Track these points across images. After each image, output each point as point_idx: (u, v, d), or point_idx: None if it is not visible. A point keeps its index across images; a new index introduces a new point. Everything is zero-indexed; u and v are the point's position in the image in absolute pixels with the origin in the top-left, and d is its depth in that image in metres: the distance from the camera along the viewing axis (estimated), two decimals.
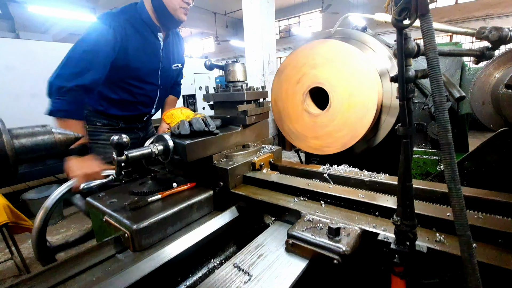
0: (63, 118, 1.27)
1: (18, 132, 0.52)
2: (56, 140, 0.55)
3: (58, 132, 0.56)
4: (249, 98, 1.28)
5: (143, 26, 1.48)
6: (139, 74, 1.53)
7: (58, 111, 1.26)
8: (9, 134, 0.50)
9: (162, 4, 1.43)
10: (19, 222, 1.95)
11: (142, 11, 1.48)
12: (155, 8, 1.46)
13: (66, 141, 0.57)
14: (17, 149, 0.50)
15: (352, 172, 1.09)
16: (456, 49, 0.67)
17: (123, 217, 0.91)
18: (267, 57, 6.02)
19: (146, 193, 1.08)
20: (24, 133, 0.52)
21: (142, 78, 1.56)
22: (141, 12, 1.48)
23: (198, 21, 15.07)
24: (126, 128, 1.70)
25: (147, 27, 1.50)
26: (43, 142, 0.54)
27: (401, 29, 0.53)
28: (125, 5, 1.49)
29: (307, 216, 0.83)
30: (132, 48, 1.44)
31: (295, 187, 0.99)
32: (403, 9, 0.52)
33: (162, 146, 1.06)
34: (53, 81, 1.27)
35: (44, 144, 0.54)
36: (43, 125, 0.58)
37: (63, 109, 1.26)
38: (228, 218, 1.04)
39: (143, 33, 1.48)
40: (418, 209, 0.76)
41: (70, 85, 1.25)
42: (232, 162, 1.14)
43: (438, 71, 0.48)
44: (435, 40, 0.49)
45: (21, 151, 0.50)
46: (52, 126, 0.61)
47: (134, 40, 1.44)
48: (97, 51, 1.32)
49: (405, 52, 0.56)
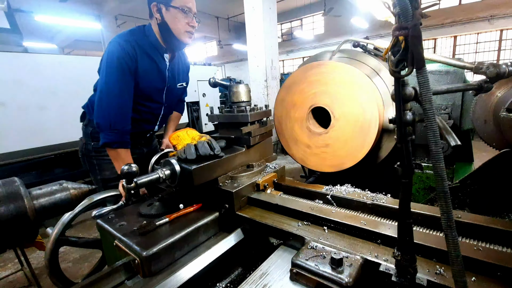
0: (116, 149, 1.47)
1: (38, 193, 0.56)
2: (72, 197, 0.58)
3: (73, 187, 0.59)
4: (253, 119, 1.31)
5: (150, 47, 1.54)
6: (146, 94, 1.58)
7: (113, 143, 1.46)
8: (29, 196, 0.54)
9: (168, 28, 1.49)
10: None
11: (150, 34, 1.54)
12: (162, 32, 1.53)
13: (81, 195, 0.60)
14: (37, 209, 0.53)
15: (355, 194, 1.11)
16: (454, 86, 0.69)
17: (133, 242, 0.95)
18: (269, 62, 6.06)
19: (154, 216, 1.11)
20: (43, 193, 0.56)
21: (148, 97, 1.61)
22: (149, 35, 1.54)
23: (201, 25, 14.90)
24: (132, 145, 1.73)
25: (155, 49, 1.56)
26: (60, 200, 0.57)
27: (399, 79, 0.56)
28: (133, 28, 1.55)
29: (311, 244, 0.85)
30: (141, 69, 1.50)
31: (299, 211, 1.02)
32: (400, 60, 0.54)
33: (169, 171, 1.09)
34: (100, 122, 1.44)
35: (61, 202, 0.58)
36: (60, 182, 0.62)
37: (116, 141, 1.46)
38: (233, 241, 1.06)
39: (150, 55, 1.54)
40: (418, 238, 0.78)
41: (116, 127, 1.44)
42: (237, 184, 1.17)
43: (434, 122, 0.51)
44: (431, 92, 0.51)
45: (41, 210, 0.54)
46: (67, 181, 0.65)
47: (143, 62, 1.50)
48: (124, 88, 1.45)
49: (403, 98, 0.58)
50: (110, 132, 1.43)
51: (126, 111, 1.49)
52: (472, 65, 0.76)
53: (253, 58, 6.07)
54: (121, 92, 1.45)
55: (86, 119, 1.72)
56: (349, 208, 1.07)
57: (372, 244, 0.84)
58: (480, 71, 0.73)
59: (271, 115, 1.47)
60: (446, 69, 1.50)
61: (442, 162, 0.51)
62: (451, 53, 12.53)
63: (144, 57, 1.51)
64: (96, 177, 1.73)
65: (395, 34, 0.53)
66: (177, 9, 1.46)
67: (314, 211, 1.00)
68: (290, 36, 17.28)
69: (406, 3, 0.50)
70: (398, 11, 0.51)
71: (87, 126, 1.71)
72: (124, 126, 1.48)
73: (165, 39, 1.55)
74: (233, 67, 20.68)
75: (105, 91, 1.43)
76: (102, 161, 1.67)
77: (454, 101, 1.52)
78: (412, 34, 0.50)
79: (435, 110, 0.52)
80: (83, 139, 1.74)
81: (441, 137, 0.56)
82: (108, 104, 1.43)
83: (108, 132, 1.43)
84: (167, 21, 1.49)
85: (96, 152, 1.68)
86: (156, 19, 1.51)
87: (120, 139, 1.47)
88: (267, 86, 6.05)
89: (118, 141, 1.46)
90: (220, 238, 1.09)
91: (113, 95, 1.43)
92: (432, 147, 0.50)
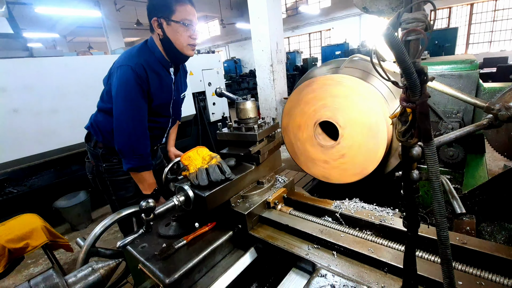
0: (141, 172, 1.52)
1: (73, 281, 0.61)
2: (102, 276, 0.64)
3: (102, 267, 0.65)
4: (261, 137, 1.33)
5: (157, 65, 1.54)
6: (156, 111, 1.60)
7: (138, 168, 1.50)
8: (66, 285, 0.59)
9: (171, 43, 1.48)
10: (56, 240, 2.16)
11: (155, 50, 1.53)
12: (164, 47, 1.52)
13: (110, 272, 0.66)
14: None
15: (363, 212, 1.15)
16: (463, 131, 0.69)
17: (156, 268, 1.03)
18: (274, 46, 5.87)
19: (173, 237, 1.19)
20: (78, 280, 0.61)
21: (157, 113, 1.63)
22: (154, 51, 1.53)
23: (201, 4, 14.62)
24: None
25: (161, 65, 1.56)
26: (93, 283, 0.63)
27: (406, 145, 0.57)
28: (139, 45, 1.55)
29: (321, 271, 0.91)
30: (153, 88, 1.51)
31: (309, 233, 1.07)
32: (407, 130, 0.55)
33: (183, 197, 1.14)
34: (122, 149, 1.47)
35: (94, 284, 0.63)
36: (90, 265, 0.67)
37: (140, 166, 1.50)
38: (248, 261, 1.14)
39: (158, 71, 1.54)
40: (423, 269, 0.82)
41: (140, 152, 1.48)
42: (248, 204, 1.22)
43: (440, 195, 0.52)
44: (438, 165, 0.52)
45: None
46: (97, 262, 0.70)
47: (153, 81, 1.51)
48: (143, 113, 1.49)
49: (410, 159, 0.59)
50: (134, 157, 1.47)
51: (146, 135, 1.53)
52: (483, 104, 0.75)
53: (257, 42, 5.90)
54: (141, 117, 1.48)
55: (93, 141, 1.68)
56: (357, 226, 1.12)
57: (379, 272, 0.89)
58: (491, 112, 0.72)
59: (279, 128, 1.49)
60: (459, 72, 1.45)
61: (446, 231, 0.53)
62: (467, 22, 11.78)
63: (153, 76, 1.51)
64: (111, 197, 1.72)
65: (403, 104, 0.53)
66: (178, 23, 1.44)
67: (324, 234, 1.05)
68: (295, 11, 16.48)
69: (415, 78, 0.50)
70: (405, 84, 0.51)
71: (96, 148, 1.67)
72: (146, 149, 1.52)
73: (168, 53, 1.55)
74: (237, 46, 20.12)
75: (124, 118, 1.45)
76: (115, 181, 1.68)
77: (466, 106, 1.48)
78: (420, 111, 0.50)
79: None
80: (91, 161, 1.71)
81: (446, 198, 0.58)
82: (129, 130, 1.45)
83: (132, 158, 1.47)
84: (169, 36, 1.47)
85: (109, 173, 1.67)
86: (158, 34, 1.49)
87: (145, 163, 1.51)
88: (273, 71, 5.92)
89: (142, 165, 1.50)
90: (235, 257, 1.16)
91: (133, 120, 1.45)
92: (437, 217, 0.52)
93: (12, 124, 2.94)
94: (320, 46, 15.52)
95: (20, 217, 2.18)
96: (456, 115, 1.48)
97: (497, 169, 4.06)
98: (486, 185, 1.25)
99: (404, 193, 0.62)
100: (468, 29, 11.85)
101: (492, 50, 11.45)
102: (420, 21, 0.50)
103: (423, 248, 0.93)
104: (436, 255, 0.90)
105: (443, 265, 0.54)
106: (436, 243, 0.92)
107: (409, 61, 0.48)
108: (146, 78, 1.46)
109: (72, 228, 3.64)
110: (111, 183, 1.68)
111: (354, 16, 14.07)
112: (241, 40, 19.29)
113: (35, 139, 3.13)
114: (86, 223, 3.69)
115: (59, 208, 3.39)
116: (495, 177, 1.20)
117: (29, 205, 3.26)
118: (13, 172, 3.51)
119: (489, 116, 0.74)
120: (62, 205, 3.41)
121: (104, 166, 1.66)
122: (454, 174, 1.67)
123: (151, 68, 1.49)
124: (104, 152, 1.65)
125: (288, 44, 17.81)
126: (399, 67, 0.50)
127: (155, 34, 1.51)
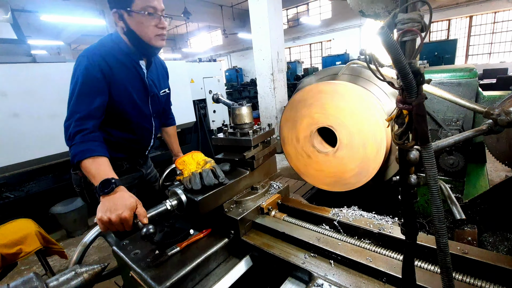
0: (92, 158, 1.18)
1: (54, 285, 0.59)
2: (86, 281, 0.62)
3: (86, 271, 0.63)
4: (256, 142, 1.31)
5: (124, 56, 1.41)
6: (133, 107, 1.48)
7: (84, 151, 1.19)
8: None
9: (136, 35, 1.35)
10: (50, 246, 2.11)
11: (120, 42, 1.41)
12: (130, 40, 1.40)
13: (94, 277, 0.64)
14: None
15: (361, 220, 1.12)
16: (462, 136, 0.67)
17: (147, 276, 0.99)
18: (275, 55, 5.94)
19: (166, 244, 1.16)
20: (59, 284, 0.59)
21: (136, 110, 1.50)
22: (119, 43, 1.41)
23: (204, 14, 14.92)
24: (131, 168, 1.67)
25: (128, 57, 1.43)
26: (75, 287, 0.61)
27: (403, 148, 0.55)
28: (101, 39, 1.43)
29: (318, 281, 0.87)
30: (120, 81, 1.39)
31: (306, 242, 1.04)
32: (403, 133, 0.53)
33: (176, 201, 1.12)
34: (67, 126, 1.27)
35: None
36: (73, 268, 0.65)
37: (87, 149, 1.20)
38: (243, 269, 1.10)
39: (126, 64, 1.42)
40: (422, 280, 0.79)
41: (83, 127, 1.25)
42: (241, 209, 1.20)
43: (438, 199, 0.50)
44: (436, 169, 0.50)
45: None
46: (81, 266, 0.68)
47: (120, 73, 1.39)
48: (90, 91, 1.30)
49: (407, 162, 0.58)
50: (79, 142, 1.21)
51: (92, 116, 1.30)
52: (483, 109, 0.74)
53: (258, 51, 5.97)
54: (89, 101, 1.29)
55: None
56: (356, 235, 1.09)
57: (378, 282, 0.85)
58: (490, 117, 0.71)
59: (274, 134, 1.47)
60: (458, 80, 1.44)
61: (445, 238, 0.51)
62: (467, 34, 11.93)
63: (119, 66, 1.39)
64: None
65: (399, 106, 0.52)
66: (140, 13, 1.30)
67: (321, 242, 1.02)
68: (296, 22, 16.77)
69: (411, 78, 0.48)
70: (401, 85, 0.50)
71: None
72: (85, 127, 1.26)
73: (136, 46, 1.41)
74: (239, 56, 20.38)
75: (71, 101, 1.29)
76: None
77: (466, 114, 1.47)
78: (416, 112, 0.49)
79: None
80: (79, 173, 1.53)
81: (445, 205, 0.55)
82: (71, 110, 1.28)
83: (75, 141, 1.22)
84: (133, 28, 1.34)
85: None
86: (122, 28, 1.37)
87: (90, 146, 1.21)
88: (273, 80, 5.97)
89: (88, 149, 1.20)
90: (230, 265, 1.13)
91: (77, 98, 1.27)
92: (436, 223, 0.50)
93: (12, 128, 2.94)
94: (321, 57, 15.70)
95: (14, 222, 2.14)
96: (456, 123, 1.47)
97: (498, 179, 4.02)
98: (487, 194, 1.22)
99: (401, 199, 0.60)
100: (467, 41, 11.99)
101: (492, 61, 11.54)
102: (415, 22, 0.49)
103: (423, 258, 0.90)
104: (436, 265, 0.86)
105: (443, 273, 0.51)
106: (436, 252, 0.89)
107: (405, 62, 0.47)
108: (106, 67, 1.33)
109: (67, 234, 3.59)
110: None
111: (354, 28, 14.30)
112: (243, 50, 19.56)
113: (34, 144, 3.12)
114: (82, 229, 3.64)
115: (56, 214, 3.35)
116: (496, 186, 1.17)
117: (26, 210, 3.22)
118: (11, 177, 3.49)
119: (489, 121, 0.73)
120: (58, 210, 3.36)
121: None
122: (455, 183, 1.64)
123: (115, 57, 1.37)
124: None
125: (289, 54, 18.03)
126: (395, 67, 0.49)
127: (119, 27, 1.38)
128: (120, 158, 1.60)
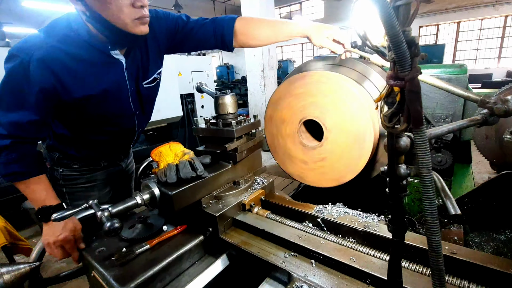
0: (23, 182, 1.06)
1: None
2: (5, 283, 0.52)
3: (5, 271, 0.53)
4: (239, 134, 1.23)
5: (86, 50, 1.08)
6: (106, 108, 1.24)
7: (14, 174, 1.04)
8: None
9: (108, 23, 0.99)
10: (17, 243, 1.97)
11: (81, 30, 1.05)
12: (100, 30, 1.04)
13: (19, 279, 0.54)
14: None
15: (346, 218, 1.05)
16: (456, 125, 0.61)
17: (110, 276, 0.90)
18: (266, 51, 5.86)
19: (136, 241, 1.06)
20: None
21: (111, 112, 1.27)
22: (78, 30, 1.05)
23: (196, 9, 14.66)
24: (110, 165, 1.52)
25: (93, 49, 1.10)
26: None
27: (392, 133, 0.48)
28: (52, 23, 1.07)
29: (297, 283, 0.80)
30: (81, 83, 1.10)
31: (286, 240, 0.96)
32: (394, 114, 0.46)
33: (148, 195, 1.02)
34: None
35: None
36: None
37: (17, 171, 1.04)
38: (219, 269, 1.02)
39: (89, 59, 1.10)
40: (409, 281, 0.73)
41: None
42: (221, 205, 1.11)
43: (431, 190, 0.43)
44: (429, 156, 0.43)
45: None
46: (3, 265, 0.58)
47: (80, 73, 1.09)
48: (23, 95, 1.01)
49: (397, 151, 0.51)
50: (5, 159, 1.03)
51: None
52: (477, 97, 0.68)
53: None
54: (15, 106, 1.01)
55: (47, 142, 1.38)
56: (339, 233, 1.02)
57: (361, 284, 0.79)
58: (486, 105, 0.65)
59: (260, 126, 1.39)
60: (448, 76, 1.40)
61: (438, 236, 0.44)
62: (454, 40, 12.22)
63: (77, 64, 1.07)
64: None
65: (390, 83, 0.45)
66: None
67: (303, 240, 0.95)
68: None
69: (404, 49, 0.41)
70: (393, 58, 0.43)
71: (50, 151, 1.37)
72: None
73: (107, 36, 1.05)
74: (230, 53, 20.19)
75: None
76: (73, 189, 1.42)
77: (455, 111, 1.43)
78: (409, 88, 0.42)
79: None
80: (47, 163, 1.39)
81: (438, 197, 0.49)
82: None
83: None
84: (98, 10, 0.96)
85: (65, 180, 1.40)
86: (83, 12, 0.99)
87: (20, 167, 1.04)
88: (264, 77, 5.89)
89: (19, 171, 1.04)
90: (205, 264, 1.04)
91: None
92: (429, 219, 0.43)
93: None
94: (312, 56, 15.75)
95: None
96: (445, 120, 1.43)
97: (481, 181, 4.09)
98: (475, 192, 1.18)
99: (389, 192, 0.53)
100: (454, 46, 12.29)
101: (477, 67, 11.88)
102: None
103: (410, 259, 0.84)
104: (424, 265, 0.81)
105: (434, 276, 0.45)
106: (425, 253, 0.83)
107: (399, 29, 0.40)
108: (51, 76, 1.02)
109: (41, 230, 3.40)
110: (67, 191, 1.42)
111: (346, 29, 14.39)
112: None
113: None
114: None
115: (28, 209, 3.15)
116: (484, 184, 1.14)
117: None
118: None
119: (484, 111, 0.67)
120: (30, 205, 3.17)
121: (61, 171, 1.38)
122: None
123: (71, 56, 1.05)
124: (59, 156, 1.37)
125: (281, 53, 18.01)
126: (387, 36, 0.42)
127: (80, 13, 1.02)
128: (97, 157, 1.47)
